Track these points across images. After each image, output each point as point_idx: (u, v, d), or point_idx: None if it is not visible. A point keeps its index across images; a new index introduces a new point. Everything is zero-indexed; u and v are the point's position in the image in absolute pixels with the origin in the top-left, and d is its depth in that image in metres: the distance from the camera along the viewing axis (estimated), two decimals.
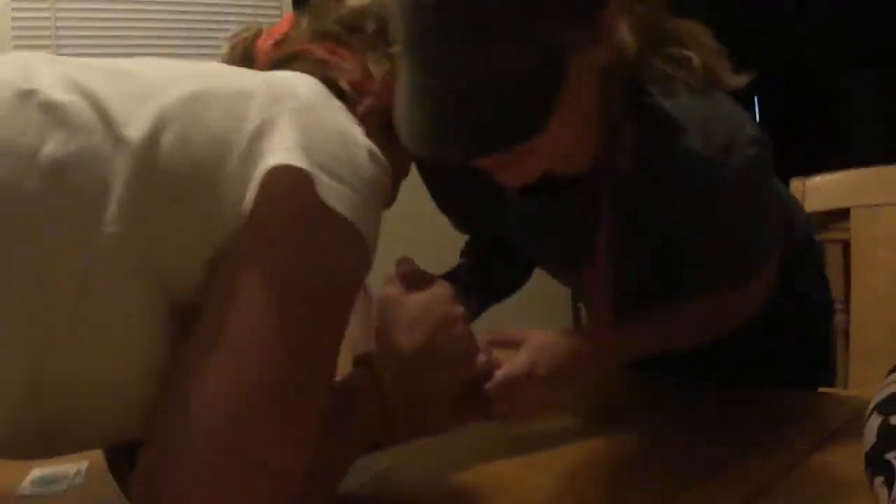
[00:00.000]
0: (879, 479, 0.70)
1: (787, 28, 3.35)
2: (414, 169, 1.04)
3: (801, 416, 1.08)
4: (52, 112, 0.63)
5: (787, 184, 1.70)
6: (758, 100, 4.53)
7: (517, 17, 0.76)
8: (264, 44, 0.94)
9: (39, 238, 0.61)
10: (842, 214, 1.81)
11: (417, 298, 0.88)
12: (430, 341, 0.86)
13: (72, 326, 0.63)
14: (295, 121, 0.68)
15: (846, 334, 1.71)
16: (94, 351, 0.64)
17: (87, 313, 0.63)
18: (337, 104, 0.75)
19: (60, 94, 0.64)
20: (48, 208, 0.62)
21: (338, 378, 0.80)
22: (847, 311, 1.73)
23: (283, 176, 0.65)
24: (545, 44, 0.78)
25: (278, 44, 0.93)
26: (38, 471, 1.04)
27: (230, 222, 0.65)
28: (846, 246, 1.81)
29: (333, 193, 0.66)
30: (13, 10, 2.68)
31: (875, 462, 0.72)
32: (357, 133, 0.73)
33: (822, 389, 1.26)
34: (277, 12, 3.10)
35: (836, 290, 1.86)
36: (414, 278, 0.91)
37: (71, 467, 1.05)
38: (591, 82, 0.87)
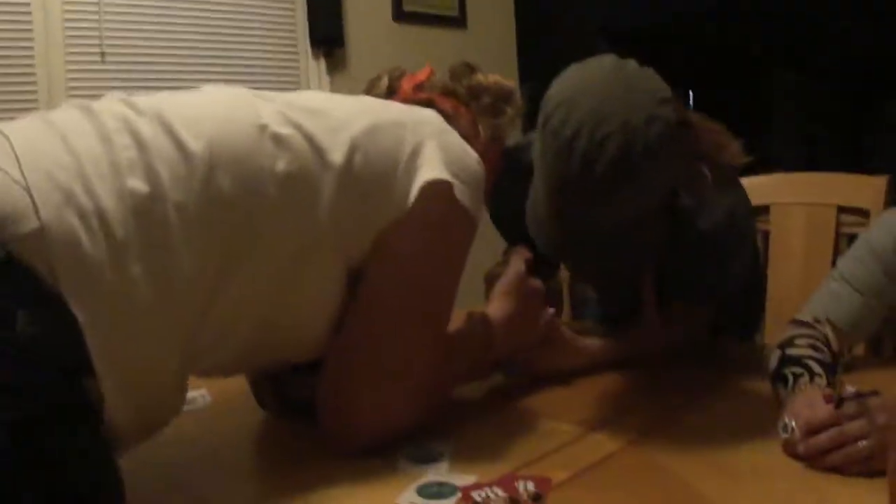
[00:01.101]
0: (781, 387, 1.08)
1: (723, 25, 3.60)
2: None
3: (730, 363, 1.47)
4: (280, 142, 0.92)
5: None
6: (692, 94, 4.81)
7: (649, 184, 1.05)
8: (407, 85, 1.22)
9: (276, 225, 0.91)
10: (764, 210, 2.15)
11: (509, 274, 1.25)
12: (518, 307, 1.23)
13: (294, 280, 0.95)
14: (435, 141, 1.01)
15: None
16: (305, 296, 0.97)
17: (303, 273, 0.95)
18: (452, 129, 1.07)
19: (283, 129, 0.93)
20: (282, 206, 0.92)
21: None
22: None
23: (434, 185, 0.99)
24: (662, 205, 1.12)
25: (418, 88, 1.21)
26: None
27: (395, 214, 0.98)
28: (766, 236, 2.13)
29: (462, 193, 1.01)
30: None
31: (776, 377, 1.11)
32: (468, 147, 1.06)
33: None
34: (292, 14, 3.29)
35: None
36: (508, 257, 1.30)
37: (196, 392, 1.31)
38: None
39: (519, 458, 0.97)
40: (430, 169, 0.99)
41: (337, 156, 0.94)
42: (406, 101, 1.17)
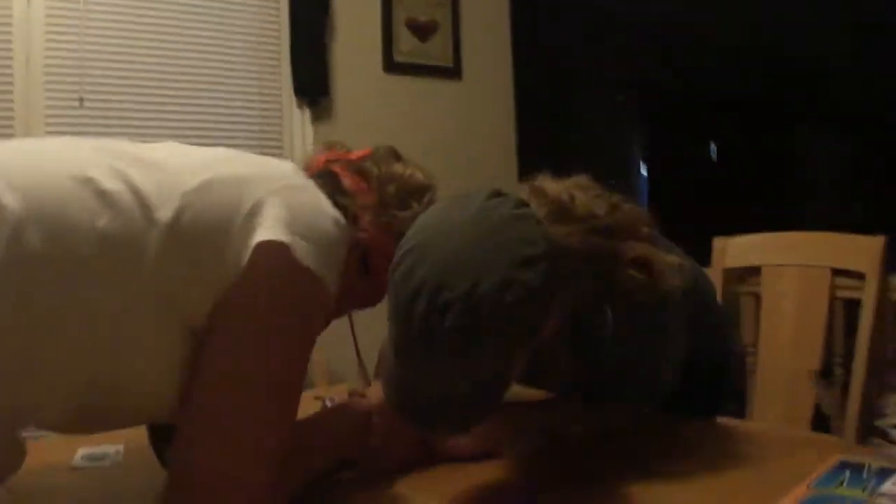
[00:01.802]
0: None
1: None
2: None
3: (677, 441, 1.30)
4: (104, 197, 0.85)
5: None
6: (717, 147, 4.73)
7: (493, 356, 0.90)
8: (321, 157, 1.18)
9: (94, 288, 0.84)
10: (755, 271, 2.09)
11: None
12: None
13: (121, 342, 0.87)
14: (279, 199, 0.92)
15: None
16: (139, 359, 0.89)
17: (127, 340, 0.87)
18: (311, 184, 1.01)
19: (109, 184, 0.86)
20: (100, 268, 0.84)
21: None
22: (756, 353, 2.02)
23: (269, 246, 0.90)
24: (501, 362, 0.92)
25: (328, 161, 1.16)
26: (84, 449, 1.25)
27: (231, 276, 0.89)
28: (758, 299, 2.08)
29: (306, 254, 0.91)
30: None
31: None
32: (326, 206, 0.97)
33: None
34: (276, 62, 3.23)
35: (749, 335, 2.15)
36: None
37: (111, 447, 1.26)
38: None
39: None
40: (268, 229, 0.90)
41: (164, 213, 0.87)
42: (312, 170, 1.13)
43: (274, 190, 0.94)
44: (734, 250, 2.10)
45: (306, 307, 0.93)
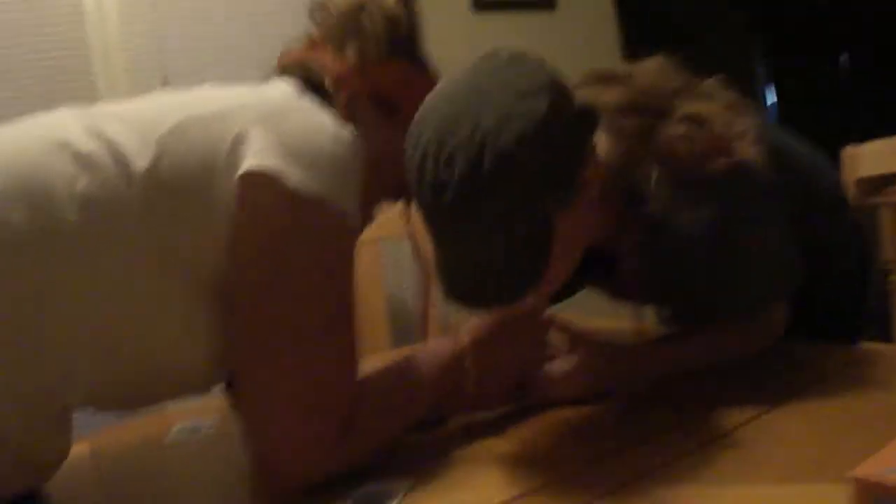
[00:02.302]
0: None
1: None
2: None
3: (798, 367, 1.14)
4: (80, 160, 0.81)
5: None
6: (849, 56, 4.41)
7: (513, 208, 0.83)
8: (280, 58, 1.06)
9: (85, 254, 0.80)
10: (892, 179, 1.91)
11: None
12: (505, 321, 1.03)
13: (126, 317, 0.83)
14: (264, 126, 0.84)
15: None
16: (154, 323, 0.85)
17: (135, 304, 0.83)
18: (305, 102, 0.90)
19: (86, 145, 0.82)
20: (87, 230, 0.80)
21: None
22: None
23: (254, 178, 0.82)
24: (536, 219, 0.85)
25: (281, 57, 1.05)
26: (179, 424, 1.25)
27: (227, 221, 0.83)
28: None
29: (301, 180, 0.82)
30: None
31: None
32: (320, 124, 0.87)
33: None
34: None
35: (889, 251, 1.96)
36: None
37: (206, 420, 1.26)
38: (581, 215, 0.92)
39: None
40: (252, 160, 0.82)
41: (141, 164, 0.82)
42: (278, 74, 1.02)
43: (254, 119, 0.85)
44: (867, 158, 1.91)
45: (315, 238, 0.85)
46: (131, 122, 0.86)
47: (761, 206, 1.04)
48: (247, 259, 0.84)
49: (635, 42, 3.58)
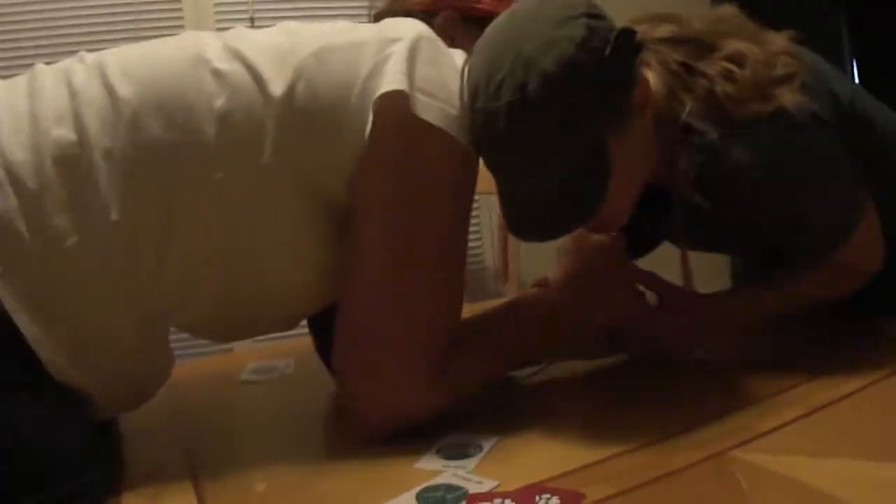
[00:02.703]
0: None
1: None
2: None
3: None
4: (219, 77, 0.83)
5: None
6: None
7: (563, 131, 0.84)
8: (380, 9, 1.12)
9: (219, 169, 0.82)
10: None
11: (592, 238, 1.06)
12: (592, 269, 1.04)
13: (253, 226, 0.84)
14: (399, 57, 0.84)
15: None
16: (272, 242, 0.86)
17: (259, 217, 0.84)
18: (434, 38, 0.90)
19: (224, 64, 0.84)
20: (222, 147, 0.82)
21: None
22: None
23: (390, 99, 0.82)
24: (588, 145, 0.86)
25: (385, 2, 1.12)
26: (253, 363, 1.27)
27: (358, 144, 0.83)
28: None
29: (428, 109, 0.83)
30: None
31: None
32: (451, 60, 0.89)
33: None
34: None
35: None
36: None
37: (281, 361, 1.27)
38: (637, 140, 0.93)
39: (561, 464, 0.78)
40: (388, 82, 0.83)
41: (278, 87, 0.83)
42: (386, 15, 1.05)
43: (395, 50, 0.85)
44: None
45: (440, 163, 0.86)
46: (268, 46, 0.87)
47: (807, 144, 1.00)
48: (375, 178, 0.84)
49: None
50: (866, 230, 1.06)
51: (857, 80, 4.04)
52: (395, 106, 0.82)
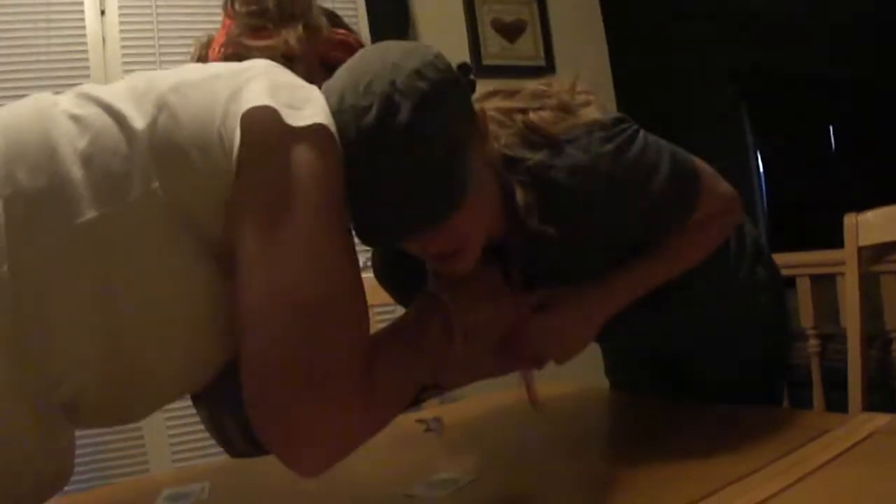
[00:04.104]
0: None
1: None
2: None
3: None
4: (78, 121, 0.82)
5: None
6: (833, 130, 4.48)
7: (430, 127, 0.91)
8: (212, 53, 1.12)
9: (88, 209, 0.78)
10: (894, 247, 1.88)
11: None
12: (473, 286, 1.06)
13: (129, 275, 0.80)
14: (257, 81, 0.85)
15: None
16: (151, 288, 0.81)
17: (136, 263, 0.80)
18: (282, 68, 0.92)
19: (80, 109, 0.83)
20: (91, 187, 0.79)
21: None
22: None
23: (257, 114, 0.80)
24: (451, 145, 0.92)
25: (223, 45, 1.11)
26: (168, 490, 1.19)
27: (227, 166, 0.80)
28: None
29: (299, 118, 0.81)
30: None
31: None
32: (304, 82, 0.90)
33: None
34: (354, 12, 3.09)
35: (893, 319, 1.94)
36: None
37: (196, 485, 1.20)
38: (485, 163, 1.02)
39: None
40: (250, 101, 0.82)
41: (139, 122, 0.82)
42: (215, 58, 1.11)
43: (249, 77, 0.86)
44: (868, 226, 1.89)
45: (321, 166, 0.83)
46: (123, 89, 0.86)
47: (627, 137, 1.08)
48: (252, 191, 0.81)
49: (631, 107, 3.61)
50: (709, 181, 1.16)
51: (761, 170, 4.22)
52: (263, 119, 0.80)
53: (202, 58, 1.14)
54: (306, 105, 0.84)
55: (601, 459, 1.08)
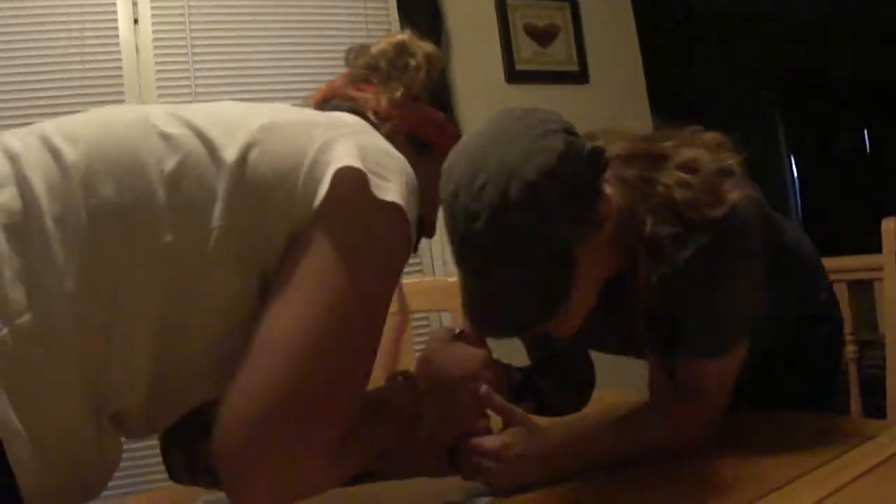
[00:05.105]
0: None
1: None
2: None
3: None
4: (168, 140, 0.83)
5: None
6: (867, 134, 4.43)
7: (537, 236, 0.93)
8: (315, 97, 1.14)
9: (167, 232, 0.80)
10: None
11: (465, 347, 1.12)
12: (456, 383, 1.09)
13: (188, 297, 0.82)
14: (349, 139, 0.87)
15: None
16: (205, 309, 0.83)
17: (199, 286, 0.82)
18: (373, 130, 0.95)
19: (172, 128, 0.84)
20: (172, 210, 0.81)
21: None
22: None
23: (347, 174, 0.83)
24: (558, 250, 0.95)
25: (322, 91, 1.13)
26: (206, 495, 1.20)
27: (303, 215, 0.83)
28: None
29: (385, 190, 0.84)
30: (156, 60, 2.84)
31: None
32: (391, 148, 0.91)
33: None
34: (386, 17, 3.16)
35: None
36: (471, 336, 1.14)
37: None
38: (600, 251, 1.02)
39: None
40: (342, 160, 0.84)
41: (230, 153, 0.84)
42: (316, 107, 1.10)
43: (342, 133, 0.89)
44: None
45: (389, 245, 0.87)
46: (216, 115, 0.88)
47: (747, 250, 1.08)
48: (319, 248, 0.83)
49: (665, 115, 3.58)
50: (733, 363, 1.12)
51: (795, 175, 4.17)
52: (352, 181, 0.84)
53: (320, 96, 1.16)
54: (392, 177, 0.86)
55: (641, 465, 1.06)
